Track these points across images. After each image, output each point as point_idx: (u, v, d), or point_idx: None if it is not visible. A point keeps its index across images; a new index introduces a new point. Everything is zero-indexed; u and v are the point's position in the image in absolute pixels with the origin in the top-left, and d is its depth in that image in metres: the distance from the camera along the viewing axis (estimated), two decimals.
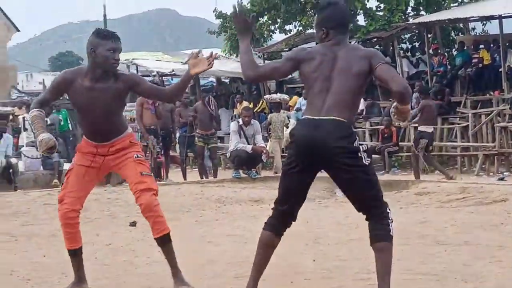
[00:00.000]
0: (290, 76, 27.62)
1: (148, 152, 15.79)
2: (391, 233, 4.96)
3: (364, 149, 4.88)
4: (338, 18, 5.10)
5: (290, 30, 26.72)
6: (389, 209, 5.01)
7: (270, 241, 5.12)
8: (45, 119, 5.96)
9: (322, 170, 5.01)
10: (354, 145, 4.83)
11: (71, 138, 21.80)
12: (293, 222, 5.17)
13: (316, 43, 5.27)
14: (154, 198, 5.68)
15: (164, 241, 5.77)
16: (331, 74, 4.95)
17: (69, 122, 22.82)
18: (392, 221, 4.98)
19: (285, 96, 22.35)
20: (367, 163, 4.86)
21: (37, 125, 5.79)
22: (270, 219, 5.17)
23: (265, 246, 5.12)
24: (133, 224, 9.72)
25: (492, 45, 22.00)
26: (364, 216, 5.03)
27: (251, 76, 5.24)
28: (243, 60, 5.24)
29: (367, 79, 5.01)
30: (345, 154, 4.80)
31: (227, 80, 29.08)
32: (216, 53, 5.87)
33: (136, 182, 5.71)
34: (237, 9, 5.26)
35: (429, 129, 15.73)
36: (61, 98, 6.53)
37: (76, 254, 6.04)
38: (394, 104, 5.13)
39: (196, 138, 16.48)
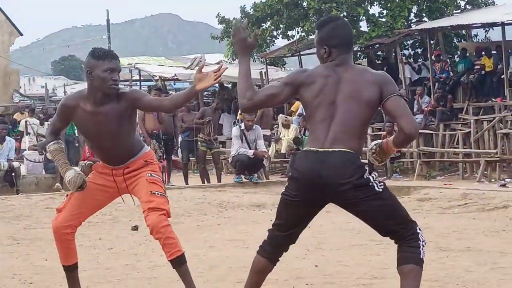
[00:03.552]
0: None
1: None
2: (421, 256, 4.45)
3: (375, 177, 4.42)
4: (341, 36, 4.62)
5: (292, 36, 26.72)
6: (419, 229, 4.54)
7: (263, 267, 4.74)
8: (63, 148, 5.68)
9: None
10: (364, 177, 4.37)
11: (76, 144, 21.73)
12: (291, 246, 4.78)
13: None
14: (163, 219, 5.26)
15: (178, 264, 5.35)
16: (335, 99, 4.46)
17: (75, 127, 22.78)
18: (424, 243, 4.51)
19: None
20: (380, 190, 4.40)
21: (60, 161, 5.56)
22: (266, 244, 4.74)
23: (258, 272, 4.76)
24: (135, 228, 9.73)
25: (494, 52, 22.01)
26: (393, 241, 4.57)
27: (245, 105, 4.66)
28: (240, 85, 4.68)
29: (377, 108, 4.53)
30: (355, 189, 4.35)
31: (229, 85, 29.11)
32: (226, 67, 5.41)
33: (145, 201, 5.35)
34: (238, 26, 4.75)
35: None
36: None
37: (69, 271, 5.72)
38: (378, 142, 4.70)
39: (199, 143, 16.53)
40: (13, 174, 16.56)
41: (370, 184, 4.38)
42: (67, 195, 5.74)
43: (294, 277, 6.49)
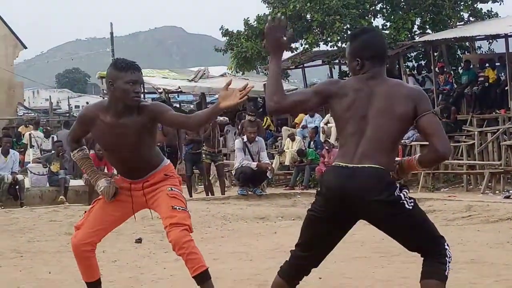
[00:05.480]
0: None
1: None
2: (446, 273, 4.27)
3: (406, 194, 4.27)
4: (375, 47, 4.48)
5: (296, 48, 26.72)
6: (447, 245, 4.37)
7: None
8: (88, 154, 5.63)
9: None
10: (395, 194, 4.23)
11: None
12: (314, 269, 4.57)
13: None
14: (185, 234, 5.17)
15: (202, 279, 5.24)
16: (367, 113, 4.32)
17: None
18: (451, 259, 4.34)
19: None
20: (410, 207, 4.26)
21: (88, 169, 5.52)
22: (286, 265, 4.56)
23: None
24: (139, 241, 9.72)
25: (497, 63, 22.02)
26: (419, 254, 4.43)
27: (272, 107, 4.46)
28: (269, 85, 4.49)
29: (410, 124, 4.36)
30: (385, 206, 4.21)
31: None
32: (253, 86, 5.23)
33: (167, 217, 5.23)
34: (275, 22, 4.48)
35: None
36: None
37: (92, 287, 5.60)
38: (398, 160, 4.57)
39: (203, 155, 16.51)
40: (17, 187, 16.59)
41: (401, 201, 4.24)
42: (84, 212, 5.68)
43: None
